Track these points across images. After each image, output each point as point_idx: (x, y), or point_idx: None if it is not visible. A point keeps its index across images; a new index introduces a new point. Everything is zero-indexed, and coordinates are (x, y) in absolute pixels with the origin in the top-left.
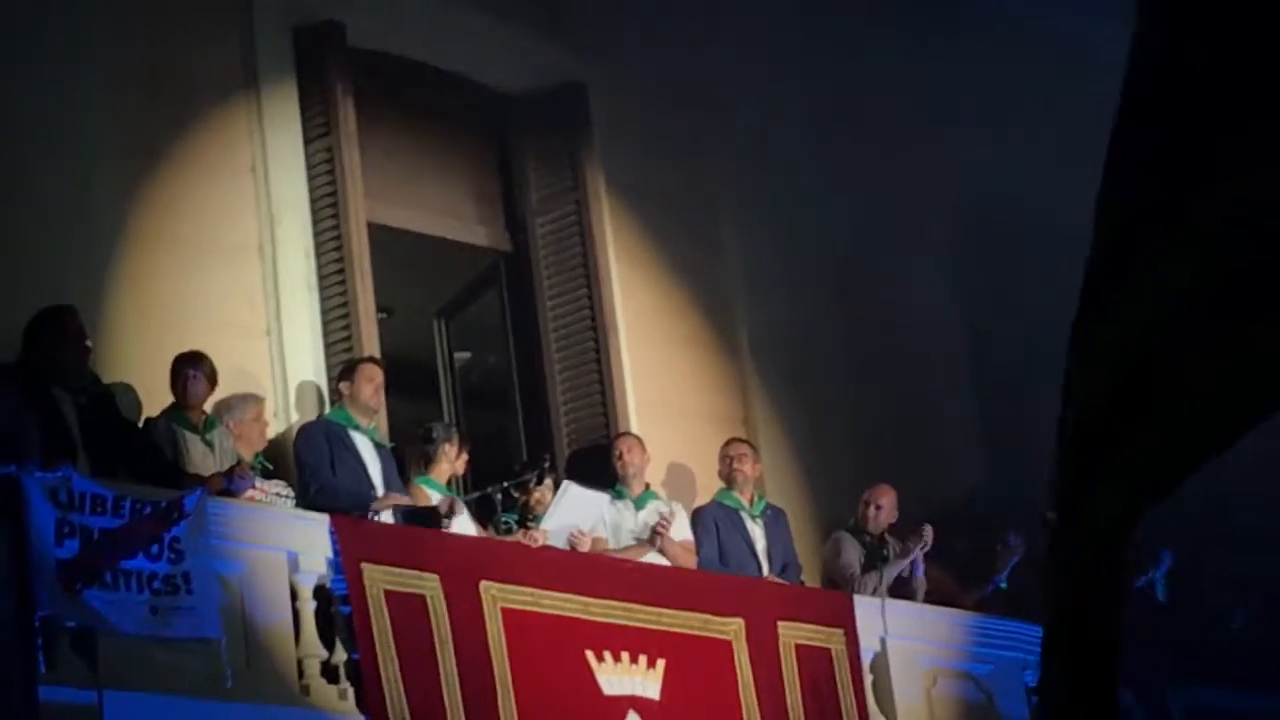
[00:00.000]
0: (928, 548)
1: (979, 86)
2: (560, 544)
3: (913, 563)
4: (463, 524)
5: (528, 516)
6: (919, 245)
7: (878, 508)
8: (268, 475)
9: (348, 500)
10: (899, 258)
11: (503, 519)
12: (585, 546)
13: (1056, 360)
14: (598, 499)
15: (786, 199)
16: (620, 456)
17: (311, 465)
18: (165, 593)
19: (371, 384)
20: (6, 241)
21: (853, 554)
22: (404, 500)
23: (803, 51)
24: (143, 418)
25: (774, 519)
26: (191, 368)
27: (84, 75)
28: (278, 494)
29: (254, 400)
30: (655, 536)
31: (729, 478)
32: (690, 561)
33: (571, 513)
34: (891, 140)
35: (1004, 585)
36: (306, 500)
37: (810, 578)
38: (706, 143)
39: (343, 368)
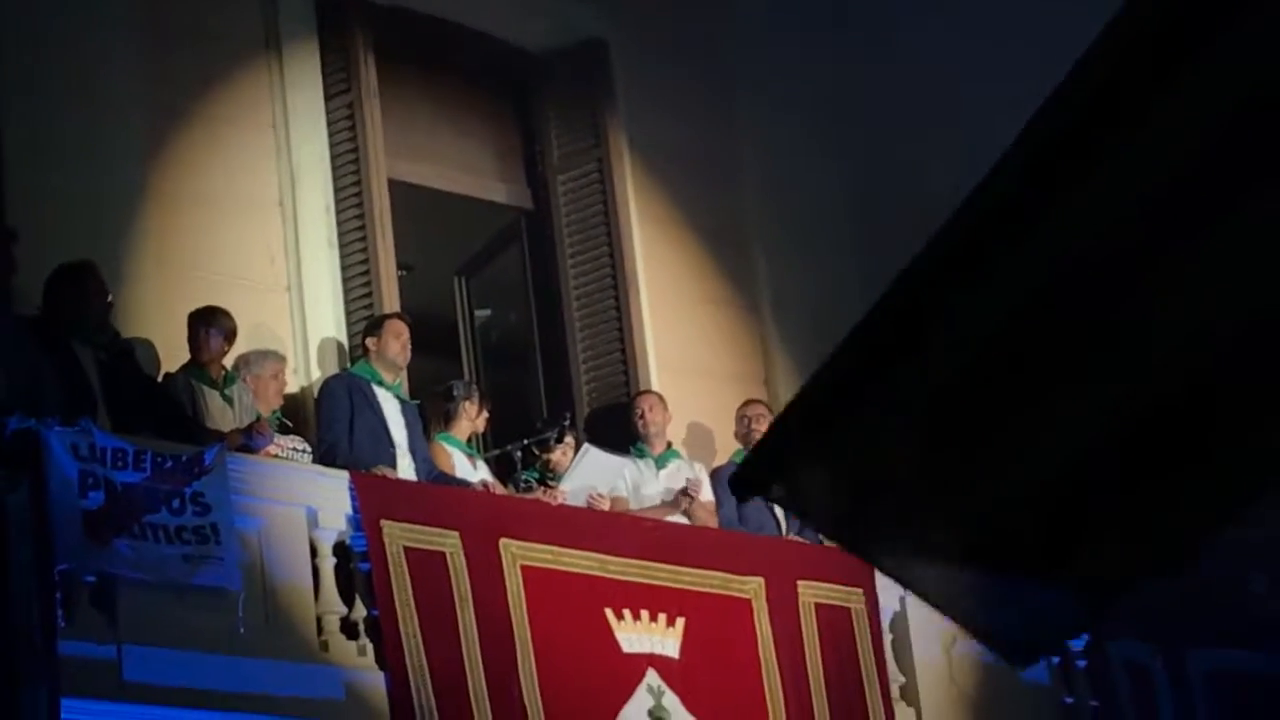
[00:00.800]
0: None
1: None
2: (578, 505)
3: None
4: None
5: (548, 475)
6: (943, 200)
7: None
8: (284, 431)
9: (349, 464)
10: (920, 219)
11: (523, 477)
12: (603, 508)
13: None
14: (617, 462)
15: (809, 158)
16: (641, 415)
17: (327, 421)
18: (196, 542)
19: (399, 340)
20: (30, 196)
21: None
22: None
23: (832, 8)
24: (161, 373)
25: None
26: (208, 323)
27: (106, 30)
28: (296, 450)
29: (274, 357)
30: (682, 499)
31: (746, 438)
32: (713, 524)
33: (590, 475)
34: (915, 99)
35: None
36: (318, 455)
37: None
38: (729, 100)
39: (369, 323)
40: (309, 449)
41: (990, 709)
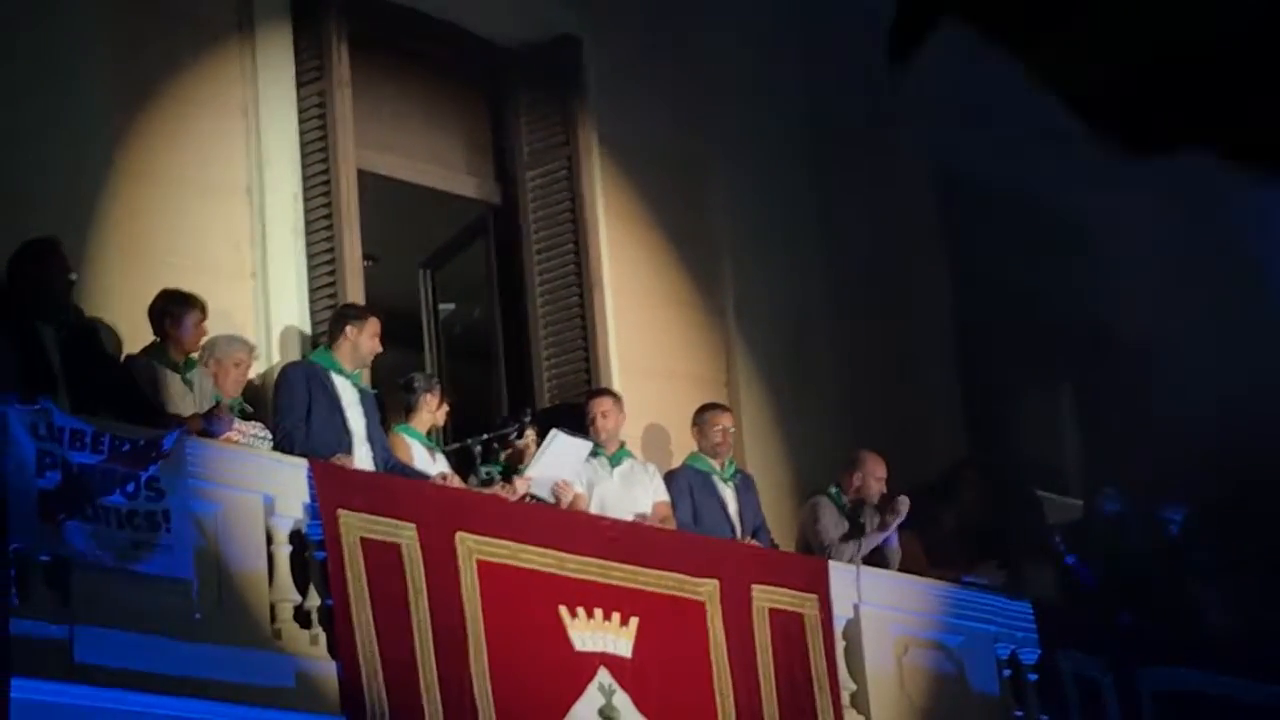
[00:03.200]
0: (900, 518)
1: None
2: (543, 493)
3: (887, 534)
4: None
5: (508, 469)
6: (908, 214)
7: (870, 479)
8: (246, 418)
9: (306, 452)
10: (888, 226)
11: (484, 469)
12: (568, 497)
13: (1039, 330)
14: (584, 445)
15: (778, 162)
16: (594, 421)
17: (284, 408)
18: (145, 528)
19: (375, 339)
20: None
21: (830, 521)
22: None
23: (802, 10)
24: (123, 354)
25: (744, 484)
26: (191, 310)
27: (78, 9)
28: (256, 436)
29: (242, 344)
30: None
31: (714, 448)
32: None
33: (557, 462)
34: (882, 100)
35: (998, 581)
36: (275, 443)
37: (786, 542)
38: (700, 102)
39: (351, 309)
40: (270, 435)
41: (940, 719)
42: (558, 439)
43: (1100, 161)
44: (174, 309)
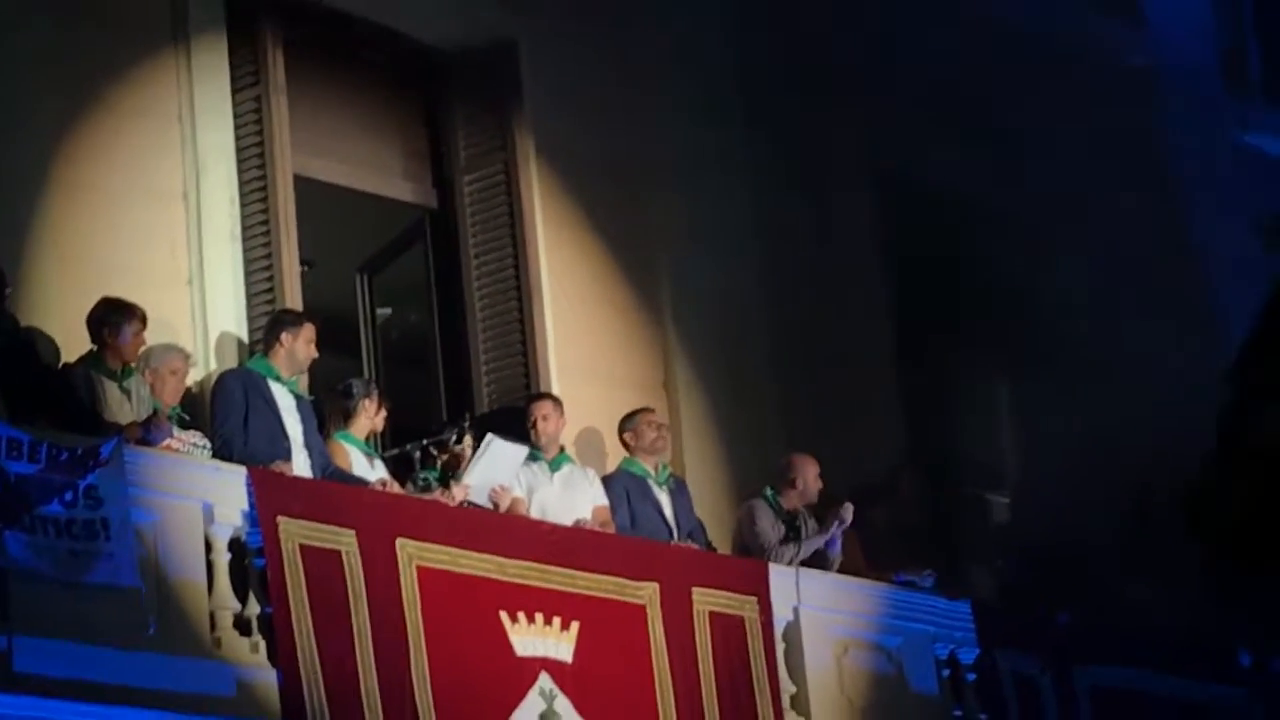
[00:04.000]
0: (845, 525)
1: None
2: (482, 499)
3: (829, 539)
4: None
5: (447, 475)
6: (846, 215)
7: (804, 481)
8: (185, 426)
9: (244, 459)
10: (826, 227)
11: (421, 476)
12: (506, 503)
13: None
14: (519, 451)
15: (715, 165)
16: (535, 424)
17: (221, 415)
18: (84, 538)
19: (311, 344)
20: None
21: (768, 523)
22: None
23: (737, 15)
24: (61, 363)
25: (678, 487)
26: (132, 318)
27: (10, 14)
28: (195, 445)
29: (178, 353)
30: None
31: (652, 445)
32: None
33: (494, 467)
34: (820, 107)
35: (929, 583)
36: (213, 450)
37: (725, 543)
38: (637, 107)
39: (286, 315)
40: (209, 445)
41: (880, 719)
42: (494, 444)
43: (1037, 159)
44: (114, 318)
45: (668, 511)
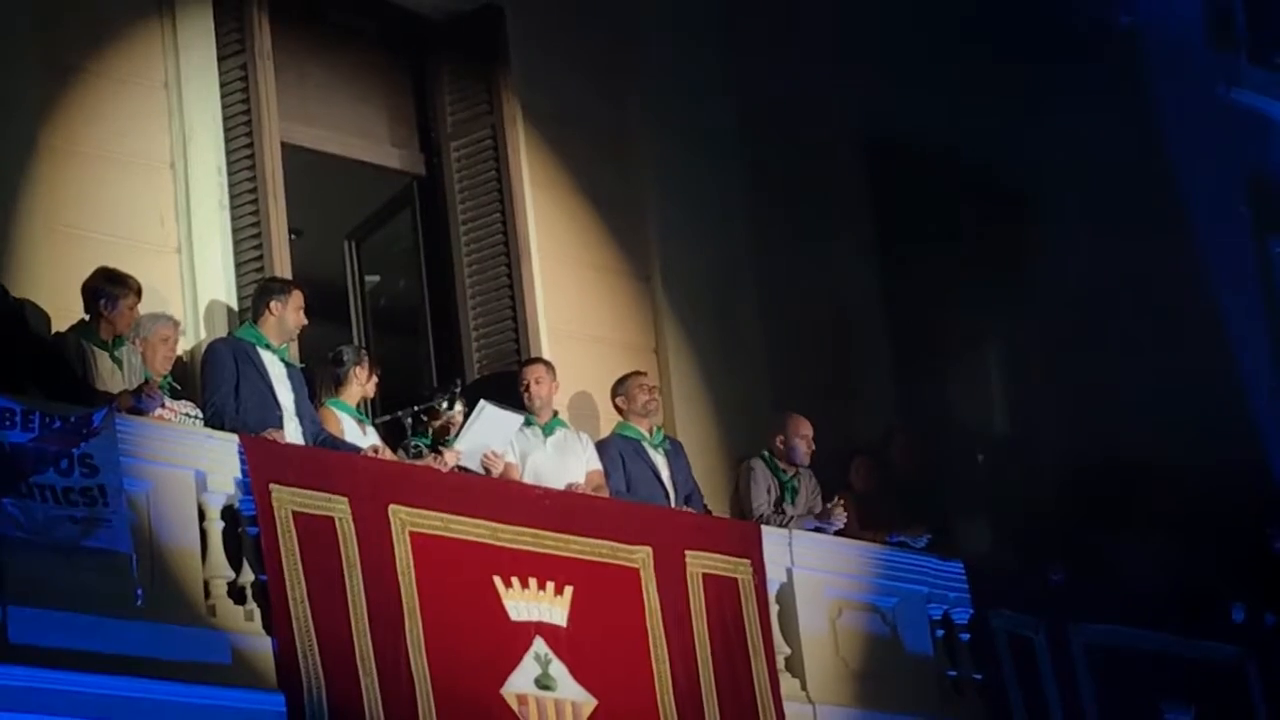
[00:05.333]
0: (839, 527)
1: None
2: (473, 464)
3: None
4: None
5: (438, 441)
6: (834, 175)
7: (799, 442)
8: (175, 395)
9: (236, 427)
10: (815, 187)
11: (413, 443)
12: (498, 469)
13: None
14: (513, 418)
15: (703, 128)
16: (527, 388)
17: (212, 384)
18: (84, 504)
19: (299, 312)
20: None
21: (762, 488)
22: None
23: None
24: (51, 331)
25: (674, 450)
26: (127, 293)
27: None
28: (186, 414)
29: (167, 321)
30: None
31: (644, 407)
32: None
33: (486, 433)
34: (805, 67)
35: (922, 544)
36: (205, 419)
37: (717, 506)
38: (623, 71)
39: (274, 283)
40: (200, 414)
41: (874, 680)
42: (486, 410)
43: (1027, 120)
44: (110, 290)
45: (664, 474)
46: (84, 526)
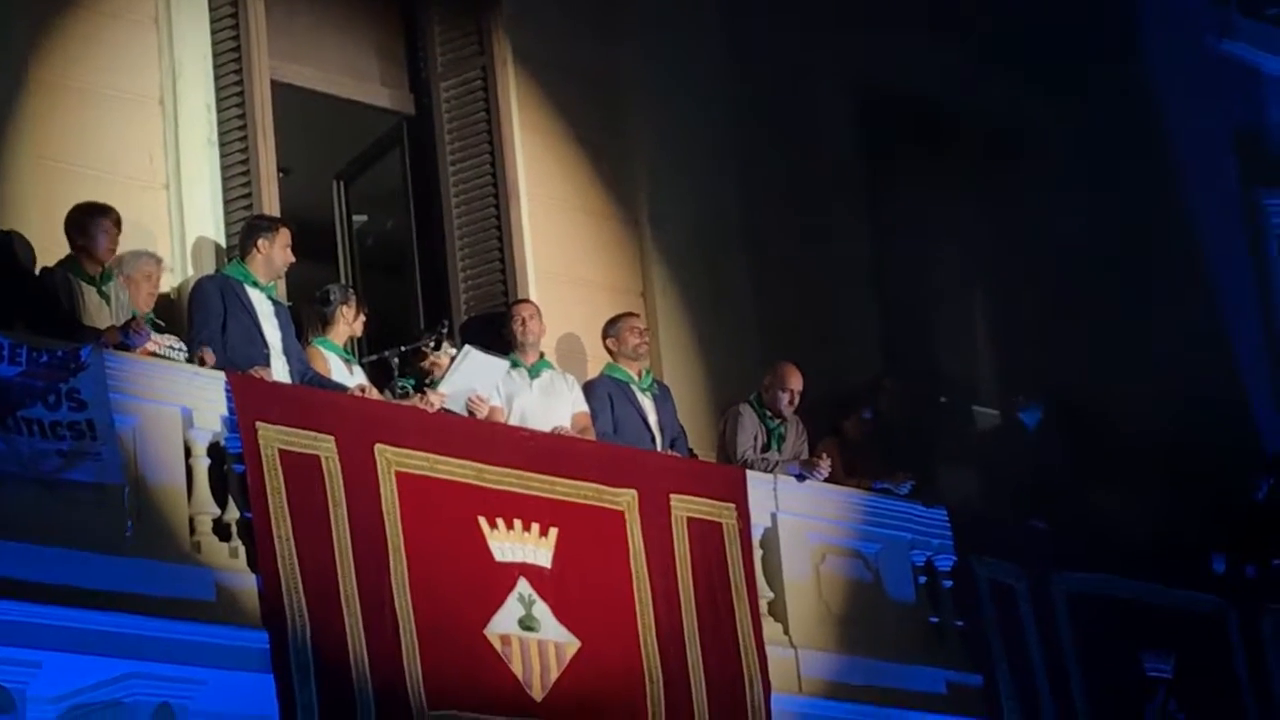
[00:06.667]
0: (823, 477)
1: None
2: (458, 408)
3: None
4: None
5: (424, 381)
6: (824, 123)
7: (782, 394)
8: (160, 331)
9: (222, 364)
10: (805, 134)
11: (399, 383)
12: (483, 412)
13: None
14: (497, 364)
15: (693, 73)
16: (522, 323)
17: (199, 321)
18: (71, 437)
19: (287, 249)
20: None
21: (748, 434)
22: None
23: None
24: (38, 266)
25: (662, 394)
26: (104, 219)
27: None
28: (171, 348)
29: (149, 258)
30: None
31: (635, 350)
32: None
33: (470, 377)
34: (799, 15)
35: (906, 490)
36: (190, 355)
37: (703, 450)
38: (616, 14)
39: (262, 220)
40: (185, 348)
41: (857, 626)
42: (471, 355)
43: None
44: (85, 220)
45: (651, 418)
46: (69, 459)
